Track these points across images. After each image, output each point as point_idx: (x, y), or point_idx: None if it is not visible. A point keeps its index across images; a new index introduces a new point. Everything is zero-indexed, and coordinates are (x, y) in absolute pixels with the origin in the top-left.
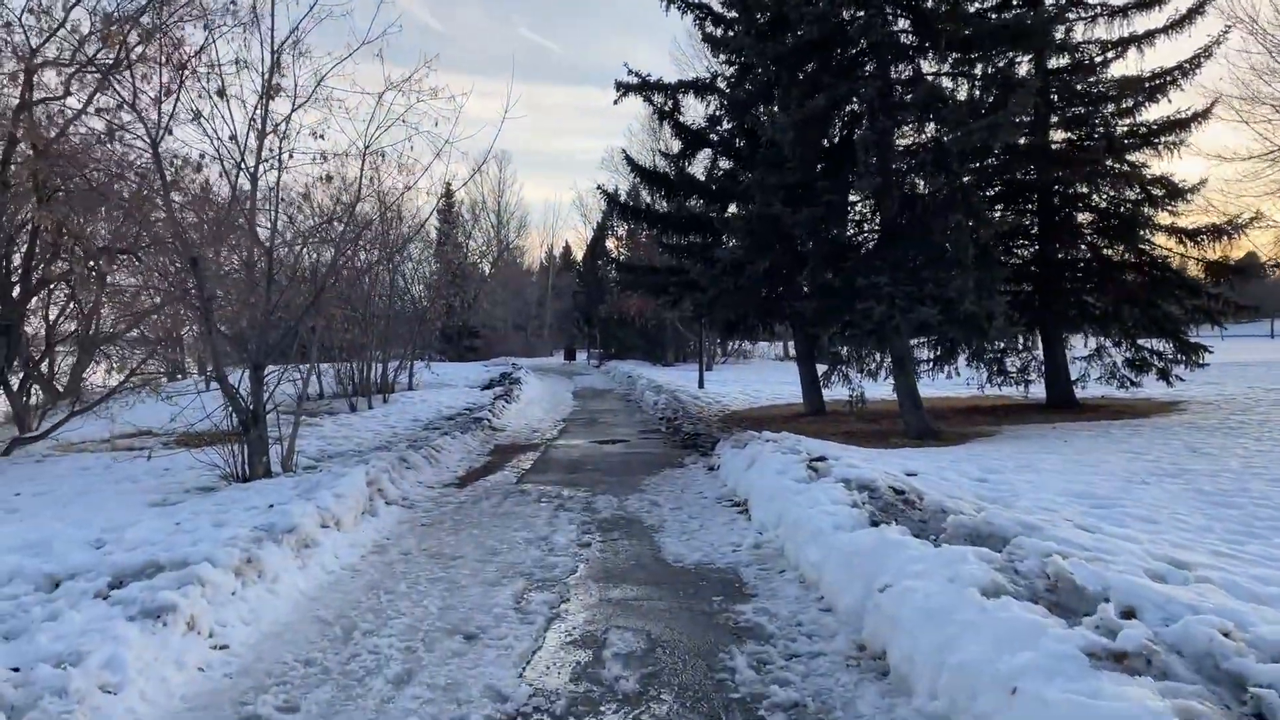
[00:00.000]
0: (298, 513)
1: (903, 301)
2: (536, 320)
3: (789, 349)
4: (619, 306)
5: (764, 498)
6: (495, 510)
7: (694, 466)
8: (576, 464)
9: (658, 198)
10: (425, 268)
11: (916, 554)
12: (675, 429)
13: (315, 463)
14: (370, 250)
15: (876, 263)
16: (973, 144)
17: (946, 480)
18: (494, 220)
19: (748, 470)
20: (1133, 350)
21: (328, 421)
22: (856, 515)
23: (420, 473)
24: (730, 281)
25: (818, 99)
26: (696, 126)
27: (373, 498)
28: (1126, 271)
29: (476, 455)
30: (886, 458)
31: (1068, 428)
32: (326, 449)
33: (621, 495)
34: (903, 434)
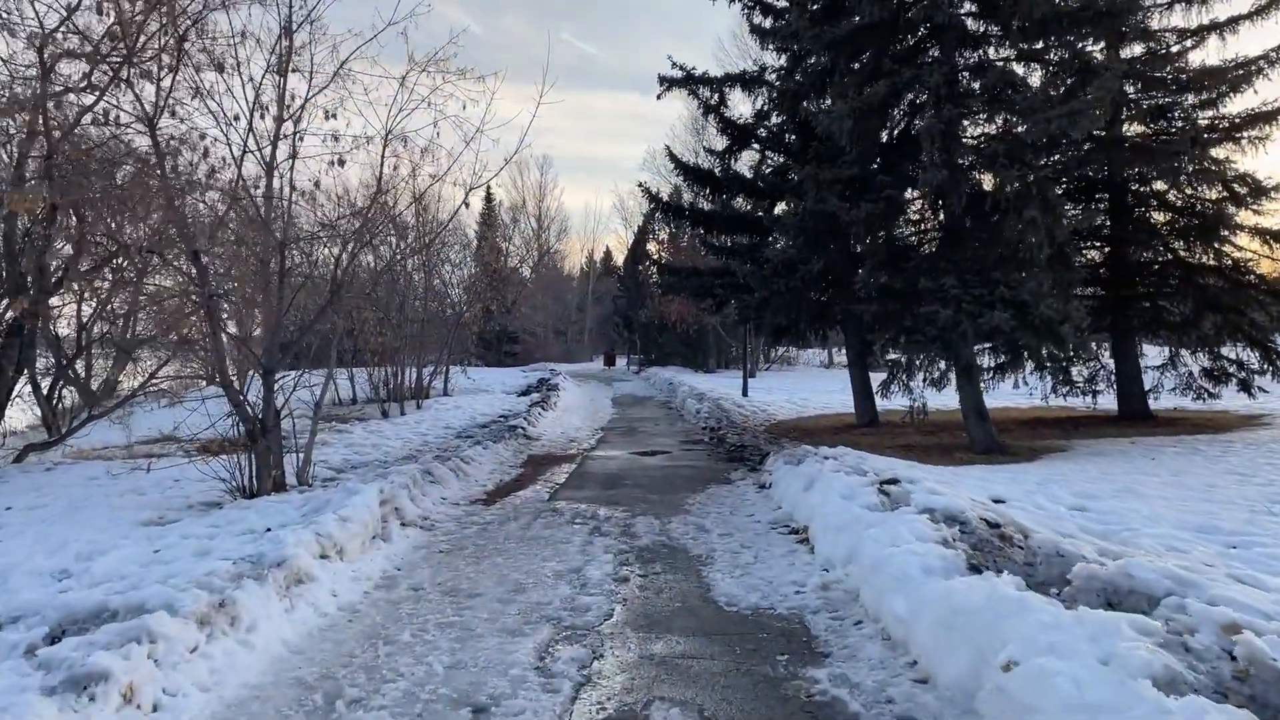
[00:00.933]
0: (292, 542)
1: (971, 305)
2: (576, 325)
3: (834, 356)
4: (660, 311)
5: (830, 527)
6: (523, 534)
7: (742, 484)
8: (614, 478)
9: (702, 196)
10: (463, 270)
11: (1047, 619)
12: (719, 440)
13: (337, 474)
14: (398, 246)
15: (941, 263)
16: (1050, 133)
17: (1041, 509)
18: (534, 224)
19: (806, 492)
20: (1212, 359)
21: (358, 428)
22: (949, 557)
23: (445, 487)
24: (781, 283)
25: (877, 86)
26: (744, 122)
27: (386, 519)
28: (1207, 275)
29: (508, 467)
30: (961, 478)
31: (1148, 443)
32: (352, 458)
33: (664, 517)
34: (967, 448)
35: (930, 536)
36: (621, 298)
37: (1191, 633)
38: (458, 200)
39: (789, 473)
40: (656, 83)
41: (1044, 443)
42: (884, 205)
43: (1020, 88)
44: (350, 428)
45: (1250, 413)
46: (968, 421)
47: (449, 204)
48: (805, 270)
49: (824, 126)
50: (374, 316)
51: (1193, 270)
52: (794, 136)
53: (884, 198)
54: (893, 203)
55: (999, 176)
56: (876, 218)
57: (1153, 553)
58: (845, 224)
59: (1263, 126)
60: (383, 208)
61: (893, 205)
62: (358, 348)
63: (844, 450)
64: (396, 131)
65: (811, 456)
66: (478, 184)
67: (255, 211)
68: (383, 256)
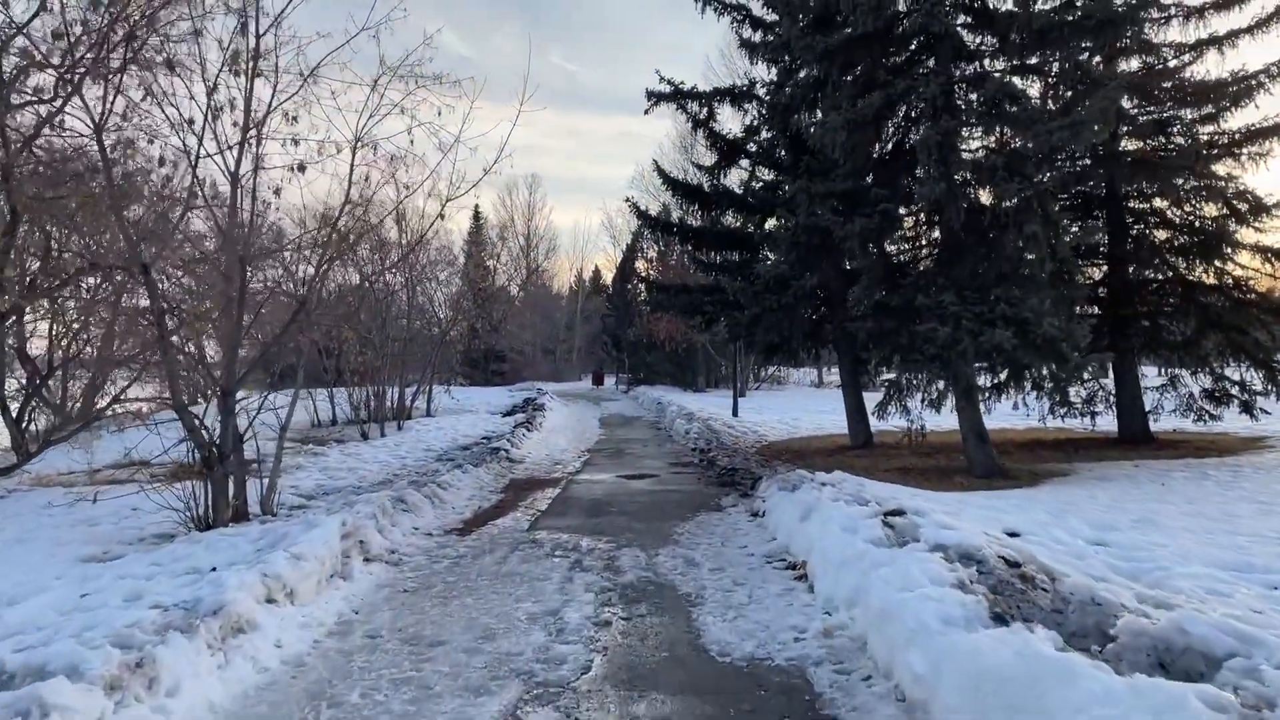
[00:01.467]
0: (234, 584)
1: (971, 323)
2: (565, 344)
3: (824, 375)
4: (649, 330)
5: (830, 564)
6: (498, 569)
7: (734, 511)
8: (599, 504)
9: (690, 213)
10: (448, 288)
11: (1098, 689)
12: (710, 462)
13: (307, 501)
14: (373, 260)
15: (939, 280)
16: (1052, 145)
17: (1060, 544)
18: (522, 243)
19: (803, 522)
20: (1213, 380)
21: (335, 451)
22: (970, 605)
23: (419, 516)
24: (773, 299)
25: (872, 97)
26: (733, 137)
27: (349, 554)
28: (1208, 293)
29: (488, 492)
30: (966, 507)
31: (1152, 466)
32: (325, 484)
33: (650, 549)
34: (966, 472)
35: (946, 579)
36: (610, 316)
37: (1271, 706)
38: (432, 208)
39: (784, 500)
40: (644, 99)
41: (1045, 466)
42: (879, 219)
43: (1019, 99)
44: (327, 450)
45: (1252, 435)
46: (967, 444)
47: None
48: (798, 286)
49: (817, 139)
50: (354, 335)
51: (1193, 289)
52: (785, 151)
53: (879, 212)
54: (888, 217)
55: (999, 190)
56: (871, 232)
57: (1193, 597)
58: (839, 239)
59: (1263, 142)
60: (354, 220)
61: (888, 219)
62: (338, 367)
63: (842, 476)
64: (367, 138)
65: (808, 483)
66: (455, 195)
67: (216, 224)
68: (365, 274)
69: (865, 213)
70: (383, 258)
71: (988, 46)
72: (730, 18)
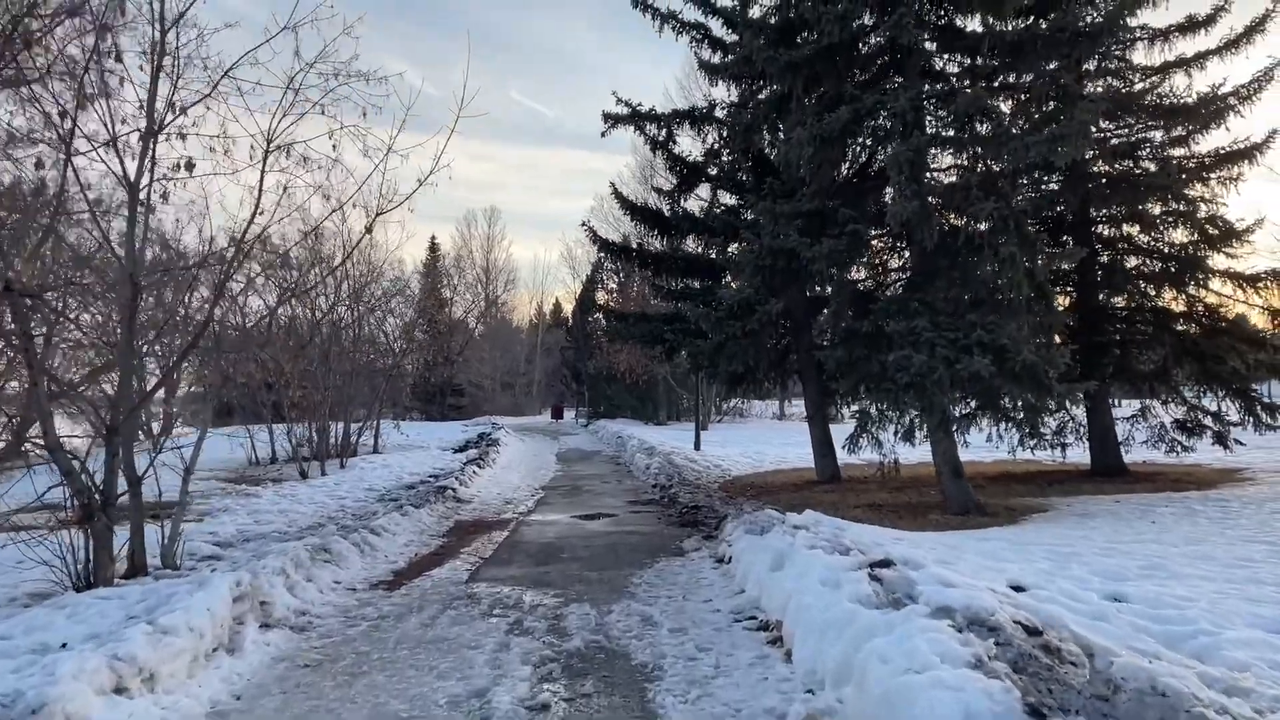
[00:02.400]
0: (69, 672)
1: (946, 349)
2: (525, 378)
3: (785, 408)
4: (609, 362)
5: (811, 627)
6: (423, 634)
7: (697, 556)
8: (550, 550)
9: (651, 237)
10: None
11: None
12: (671, 500)
13: (222, 550)
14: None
15: (912, 304)
16: (1029, 162)
17: (1073, 599)
18: (482, 276)
19: (776, 572)
20: (1185, 410)
21: (269, 492)
22: (999, 695)
23: (343, 567)
24: (737, 326)
25: (840, 112)
26: (693, 160)
27: (242, 620)
28: (1179, 321)
29: (429, 537)
30: (956, 552)
31: (1133, 501)
32: (248, 529)
33: (603, 604)
34: (941, 508)
35: (959, 655)
36: (570, 349)
37: None
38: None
39: (752, 545)
40: (601, 119)
41: (1020, 501)
42: (847, 241)
43: (993, 115)
44: (260, 491)
45: (1225, 466)
46: (942, 479)
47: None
48: (763, 312)
49: (782, 155)
50: (292, 367)
51: (1165, 316)
52: (747, 174)
53: (847, 233)
54: (856, 238)
55: (973, 210)
56: (839, 254)
57: (1262, 677)
58: (806, 261)
59: (1233, 166)
60: (261, 240)
61: (856, 241)
62: (278, 402)
63: (815, 517)
64: (282, 141)
65: (778, 525)
66: (386, 209)
67: (104, 237)
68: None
69: (833, 234)
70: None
71: (957, 63)
72: (689, 37)
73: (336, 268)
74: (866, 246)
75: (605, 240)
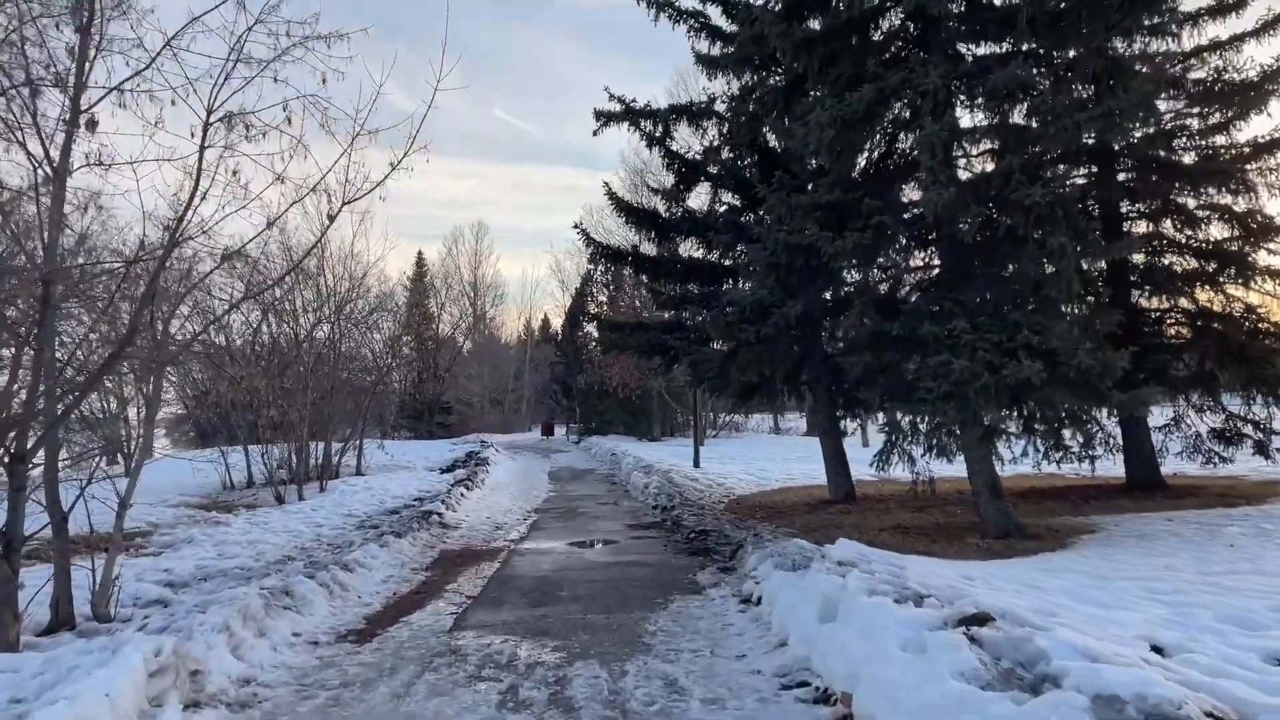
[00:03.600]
0: None
1: (989, 354)
2: (514, 394)
3: (779, 422)
4: (601, 376)
5: (901, 712)
6: (394, 708)
7: (717, 593)
8: (547, 586)
9: (647, 240)
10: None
11: None
12: (675, 523)
13: (173, 593)
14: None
15: (947, 303)
16: (1079, 141)
17: (1243, 670)
18: (470, 291)
19: (828, 626)
20: (1223, 419)
21: (240, 520)
22: None
23: (307, 614)
24: (750, 332)
25: (863, 91)
26: (692, 157)
27: (161, 701)
28: (1219, 322)
29: (410, 571)
30: (1036, 586)
31: (1187, 519)
32: (208, 566)
33: (614, 661)
34: (976, 531)
35: None
36: (559, 364)
37: None
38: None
39: (787, 584)
40: (594, 117)
41: (1059, 520)
42: (872, 234)
43: (1037, 92)
44: (230, 519)
45: (1265, 479)
46: (979, 498)
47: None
48: (780, 315)
49: (799, 140)
50: (266, 385)
51: (1205, 317)
52: (752, 170)
53: (872, 226)
54: (882, 231)
55: (1017, 195)
56: (864, 249)
57: None
58: (828, 257)
59: (1274, 155)
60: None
61: (881, 234)
62: (254, 422)
63: (857, 549)
64: (225, 108)
65: (816, 560)
66: (354, 197)
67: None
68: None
69: (856, 228)
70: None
71: (990, 36)
72: (687, 26)
73: (301, 261)
74: (894, 241)
75: (600, 244)
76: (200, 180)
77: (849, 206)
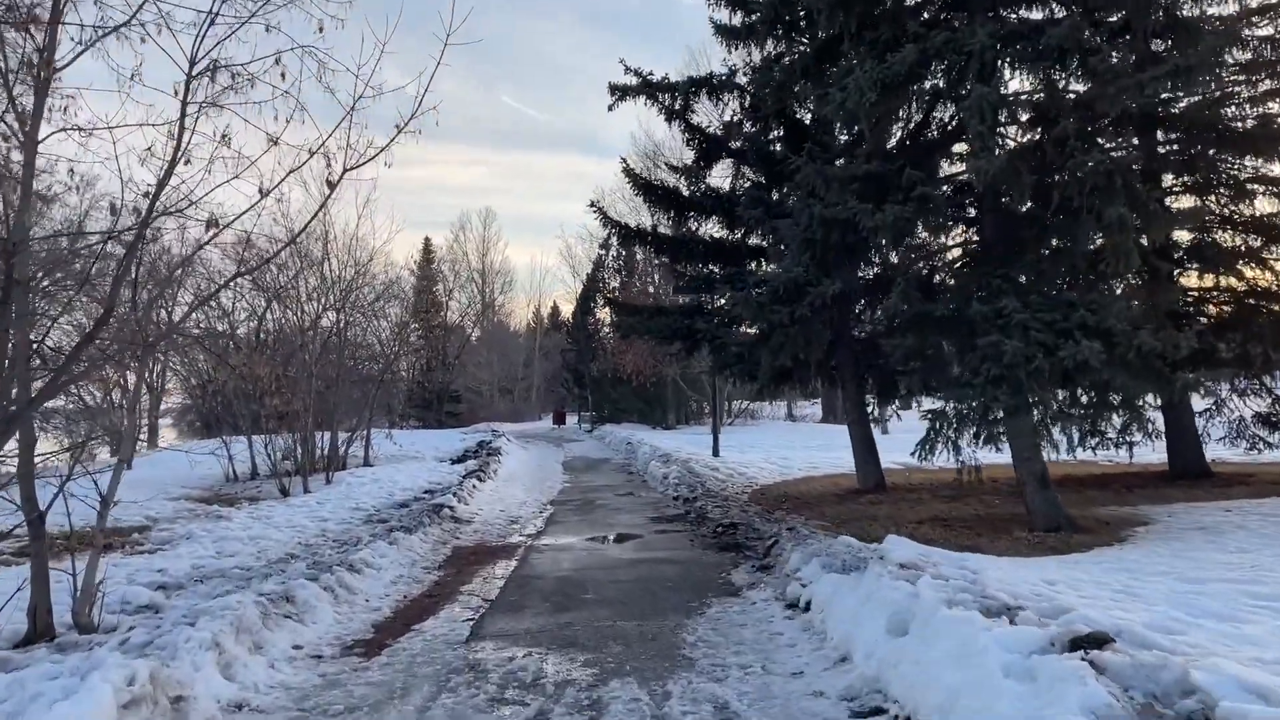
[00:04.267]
0: None
1: (1043, 334)
2: (524, 383)
3: (793, 409)
4: (614, 362)
5: None
6: None
7: (756, 595)
8: (570, 588)
9: (664, 220)
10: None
11: None
12: (700, 515)
13: (165, 596)
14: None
15: (995, 280)
16: (1140, 101)
17: None
18: (478, 278)
19: (900, 641)
20: (1270, 402)
21: (242, 514)
22: None
23: (309, 622)
24: (784, 313)
25: (905, 51)
26: (714, 132)
27: None
28: (1269, 301)
29: (422, 570)
30: (1130, 593)
31: (1247, 508)
32: (205, 565)
33: (654, 679)
34: (1023, 522)
35: None
36: (571, 351)
37: None
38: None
39: (840, 589)
40: (608, 91)
41: (1107, 511)
42: (915, 206)
43: (1094, 50)
44: (232, 513)
45: None
46: (1026, 489)
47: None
48: (817, 294)
49: (834, 107)
50: (268, 372)
51: (1255, 296)
52: (778, 144)
53: (914, 198)
54: (925, 203)
55: (1073, 163)
56: (906, 222)
57: None
58: (867, 231)
59: None
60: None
61: (925, 206)
62: (258, 412)
63: (917, 549)
64: (208, 59)
65: (874, 563)
66: (357, 164)
67: None
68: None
69: (896, 200)
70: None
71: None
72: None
73: (299, 233)
74: (939, 214)
75: (619, 223)
76: (183, 140)
77: (888, 178)
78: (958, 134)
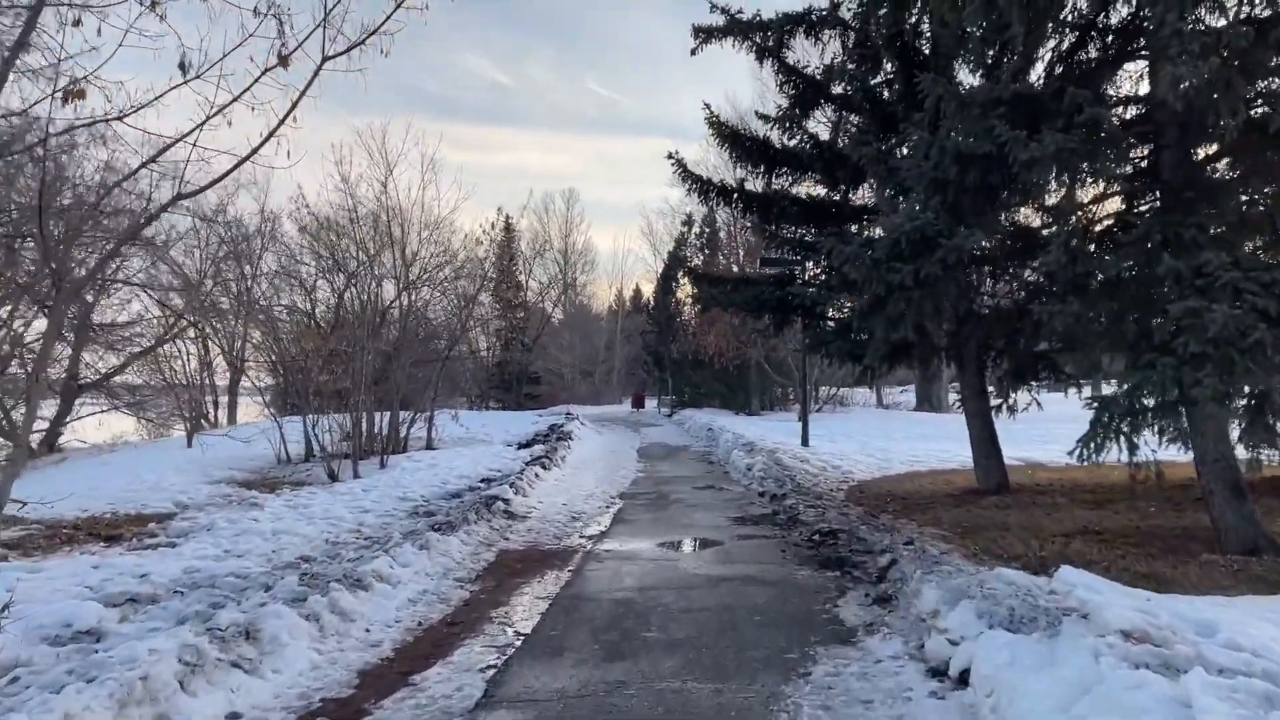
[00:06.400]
0: None
1: (1261, 298)
2: (604, 365)
3: (882, 397)
4: (695, 343)
5: None
6: None
7: (878, 645)
8: (629, 620)
9: (753, 178)
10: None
11: None
12: (791, 517)
13: (133, 612)
14: None
15: (1189, 230)
16: None
17: None
18: (560, 259)
19: None
20: None
21: (279, 501)
22: None
23: (267, 673)
24: (907, 272)
25: None
26: (812, 73)
27: None
28: None
29: (452, 585)
30: None
31: None
32: (197, 570)
33: None
34: (1208, 542)
35: None
36: (651, 332)
37: None
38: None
39: (1022, 661)
40: (692, 34)
41: None
42: (1082, 135)
43: None
44: (269, 500)
45: None
46: (1213, 499)
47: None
48: (952, 247)
49: (974, 9)
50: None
51: None
52: (895, 83)
53: (1081, 122)
54: (1098, 128)
55: None
56: (1071, 154)
57: None
58: (1021, 166)
59: None
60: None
61: (1096, 133)
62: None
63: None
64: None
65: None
66: (339, 51)
67: None
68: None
69: (1056, 127)
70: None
71: None
72: None
73: (258, 149)
74: (1115, 142)
75: (701, 178)
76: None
77: (1043, 101)
78: (1123, 53)
